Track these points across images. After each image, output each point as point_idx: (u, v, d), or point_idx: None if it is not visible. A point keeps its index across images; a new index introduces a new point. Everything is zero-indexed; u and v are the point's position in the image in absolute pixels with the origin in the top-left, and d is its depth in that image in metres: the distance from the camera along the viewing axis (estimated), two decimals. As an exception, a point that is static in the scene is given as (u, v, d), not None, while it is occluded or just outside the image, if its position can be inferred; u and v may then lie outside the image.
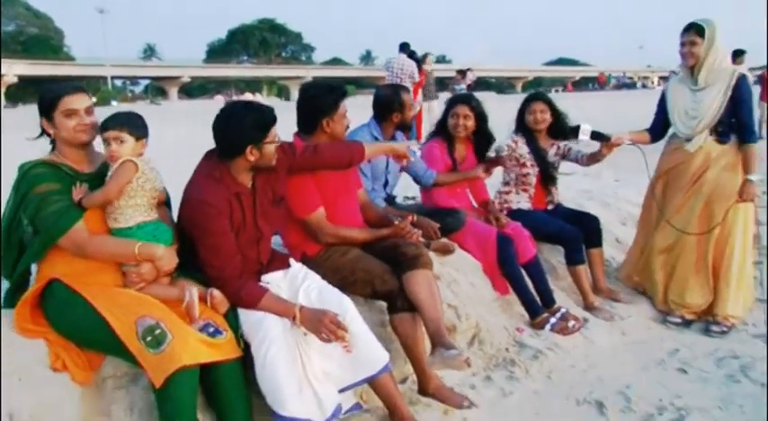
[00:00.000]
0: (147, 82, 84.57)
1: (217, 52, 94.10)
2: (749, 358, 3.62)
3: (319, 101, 3.27)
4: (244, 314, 2.67)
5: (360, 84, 71.30)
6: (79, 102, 2.59)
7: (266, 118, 2.69)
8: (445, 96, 6.27)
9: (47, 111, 2.57)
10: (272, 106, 2.73)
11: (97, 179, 2.63)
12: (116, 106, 44.54)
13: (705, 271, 4.16)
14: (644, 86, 61.20)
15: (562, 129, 4.51)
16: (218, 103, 48.83)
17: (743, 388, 3.32)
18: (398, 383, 3.17)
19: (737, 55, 14.49)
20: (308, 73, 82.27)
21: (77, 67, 68.22)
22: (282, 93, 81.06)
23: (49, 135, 2.64)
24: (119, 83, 78.29)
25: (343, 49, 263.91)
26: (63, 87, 2.62)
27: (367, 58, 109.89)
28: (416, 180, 4.33)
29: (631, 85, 62.73)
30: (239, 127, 2.65)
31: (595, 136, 4.27)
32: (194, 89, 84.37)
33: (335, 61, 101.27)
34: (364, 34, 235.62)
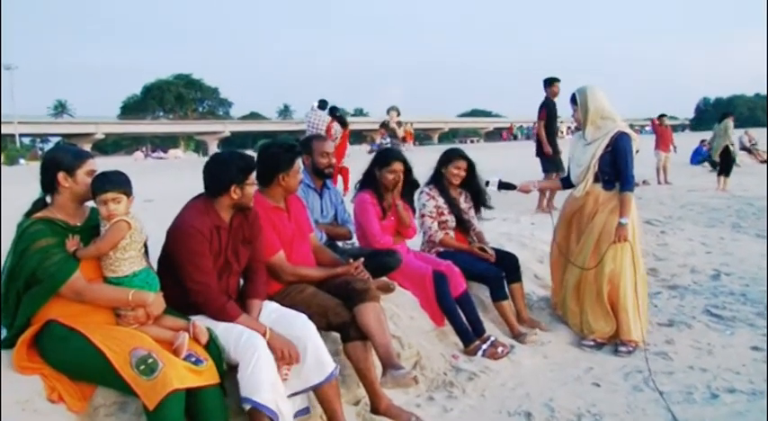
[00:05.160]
0: (57, 139, 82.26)
1: (132, 109, 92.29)
2: (650, 371, 4.16)
3: (277, 158, 3.62)
4: (231, 336, 3.03)
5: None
6: (96, 165, 2.98)
7: (248, 163, 3.23)
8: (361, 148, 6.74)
9: (70, 169, 2.89)
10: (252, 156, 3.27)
11: (87, 231, 2.97)
12: (24, 165, 42.79)
13: (602, 303, 4.73)
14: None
15: (473, 182, 5.13)
16: (138, 160, 48.09)
17: (645, 395, 3.86)
18: (352, 405, 3.56)
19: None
20: (226, 128, 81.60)
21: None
22: (200, 148, 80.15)
23: (49, 190, 2.94)
24: (27, 140, 75.76)
25: (262, 103, 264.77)
26: (86, 150, 3.06)
27: (285, 111, 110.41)
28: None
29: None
30: (226, 169, 3.16)
31: (503, 186, 4.99)
32: (108, 146, 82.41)
33: (253, 116, 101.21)
34: (282, 88, 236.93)
